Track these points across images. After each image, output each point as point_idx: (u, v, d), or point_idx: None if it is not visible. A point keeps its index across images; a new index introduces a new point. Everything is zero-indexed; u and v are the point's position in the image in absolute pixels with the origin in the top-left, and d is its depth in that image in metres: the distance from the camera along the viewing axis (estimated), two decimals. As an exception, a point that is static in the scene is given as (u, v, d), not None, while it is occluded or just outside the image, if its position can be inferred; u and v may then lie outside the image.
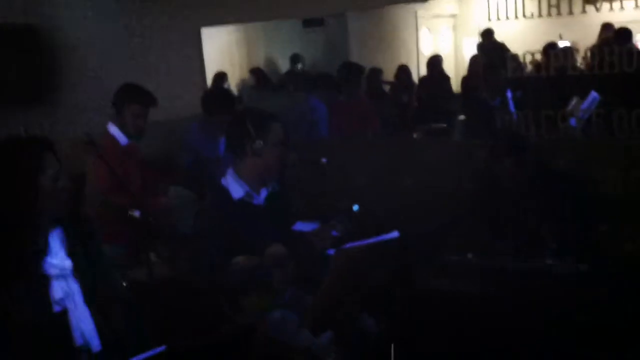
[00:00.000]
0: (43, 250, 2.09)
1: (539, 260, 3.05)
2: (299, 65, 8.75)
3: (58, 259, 2.11)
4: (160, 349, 1.71)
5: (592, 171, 3.82)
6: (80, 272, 2.15)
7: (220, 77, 7.92)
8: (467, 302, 2.98)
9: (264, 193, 2.90)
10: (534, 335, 2.84)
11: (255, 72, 8.88)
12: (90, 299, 2.17)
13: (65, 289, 2.10)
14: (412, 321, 2.70)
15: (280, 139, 2.82)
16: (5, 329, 1.97)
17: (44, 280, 2.08)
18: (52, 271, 2.09)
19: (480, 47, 8.56)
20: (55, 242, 2.13)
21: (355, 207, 2.80)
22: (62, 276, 2.10)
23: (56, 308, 2.08)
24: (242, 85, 8.52)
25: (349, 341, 2.71)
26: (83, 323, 2.12)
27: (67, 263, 2.12)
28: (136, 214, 2.64)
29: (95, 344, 2.15)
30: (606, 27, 6.51)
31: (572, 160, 3.87)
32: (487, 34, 8.61)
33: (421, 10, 9.69)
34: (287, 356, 2.59)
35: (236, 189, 2.83)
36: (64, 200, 2.10)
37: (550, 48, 5.04)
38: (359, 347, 2.76)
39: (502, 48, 7.95)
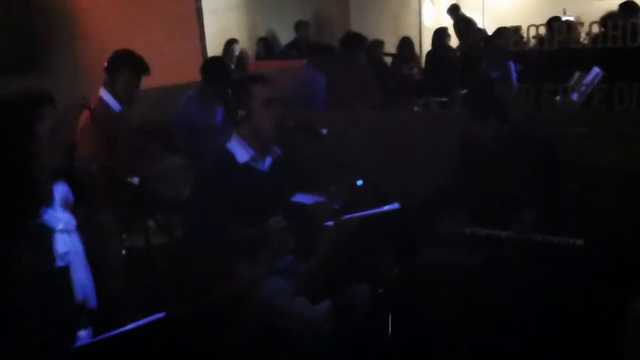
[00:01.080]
0: (46, 201, 2.10)
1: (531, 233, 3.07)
2: (304, 34, 8.67)
3: (61, 213, 2.13)
4: (159, 315, 1.70)
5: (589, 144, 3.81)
6: (81, 230, 2.18)
7: (230, 43, 7.92)
8: (462, 273, 3.00)
9: (268, 160, 2.93)
10: (525, 305, 2.87)
11: (260, 41, 8.85)
12: (90, 258, 2.20)
13: (68, 244, 2.12)
14: (409, 292, 2.72)
15: (265, 99, 2.85)
16: (8, 280, 1.96)
17: (48, 233, 2.08)
18: (57, 225, 2.11)
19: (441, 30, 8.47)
20: (60, 197, 2.15)
21: (360, 182, 2.80)
22: (66, 231, 2.12)
23: (59, 262, 2.09)
24: (245, 54, 8.47)
25: (346, 311, 2.73)
26: (84, 279, 2.15)
27: (71, 218, 2.15)
28: (135, 180, 2.63)
29: (93, 302, 2.18)
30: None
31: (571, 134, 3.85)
32: (453, 11, 8.57)
33: (424, -19, 9.61)
34: (281, 321, 2.61)
35: (241, 152, 2.86)
36: (63, 152, 2.14)
37: (553, 22, 4.99)
38: (356, 317, 2.78)
39: (470, 22, 7.93)
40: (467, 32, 7.56)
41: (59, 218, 2.12)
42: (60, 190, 2.17)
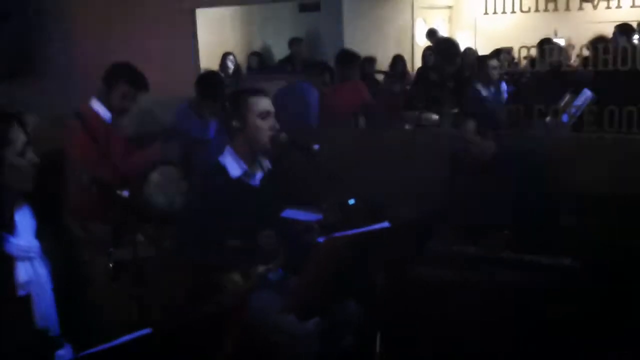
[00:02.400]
0: (7, 229, 2.01)
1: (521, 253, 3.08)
2: (298, 50, 8.72)
3: (24, 240, 2.03)
4: (145, 331, 1.68)
5: (579, 167, 3.84)
6: (48, 253, 2.08)
7: (226, 56, 7.96)
8: (452, 290, 3.00)
9: (259, 175, 2.93)
10: (516, 325, 2.87)
11: (253, 55, 8.90)
12: (58, 282, 2.11)
13: (30, 272, 2.03)
14: (398, 310, 2.71)
15: (260, 111, 2.86)
16: None
17: (8, 262, 1.99)
18: (17, 252, 2.00)
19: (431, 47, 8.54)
20: (23, 222, 2.05)
21: (351, 202, 2.81)
22: (27, 258, 2.03)
23: (20, 292, 2.00)
24: (238, 68, 8.50)
25: (335, 327, 2.72)
26: (46, 307, 2.06)
27: (34, 244, 2.05)
28: (125, 194, 2.61)
29: (55, 330, 2.09)
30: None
31: (561, 155, 3.88)
32: (432, 34, 8.64)
33: (417, 0, 9.66)
34: (270, 338, 2.59)
35: (234, 167, 2.86)
36: (31, 176, 2.02)
37: (545, 43, 5.03)
38: (345, 334, 2.77)
39: (451, 44, 7.98)
40: (449, 55, 7.60)
41: (20, 246, 2.01)
42: (23, 216, 2.06)
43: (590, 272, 2.88)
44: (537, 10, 4.48)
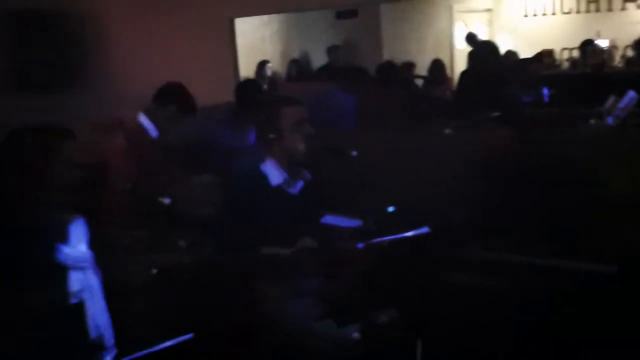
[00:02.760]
0: (59, 240, 2.06)
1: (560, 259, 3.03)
2: (336, 57, 8.75)
3: (77, 250, 2.09)
4: (187, 336, 1.71)
5: (623, 169, 3.74)
6: (101, 263, 2.15)
7: (263, 64, 8.03)
8: (490, 296, 2.97)
9: (299, 184, 2.94)
10: (550, 332, 2.82)
11: (292, 63, 8.96)
12: (109, 291, 2.17)
13: (83, 281, 2.08)
14: (437, 315, 2.69)
15: (295, 121, 2.86)
16: (21, 318, 1.96)
17: (61, 272, 2.05)
18: (70, 262, 2.06)
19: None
20: (76, 233, 2.11)
21: (390, 209, 2.80)
22: (80, 268, 2.09)
23: (73, 300, 2.06)
24: (276, 76, 8.58)
25: (372, 334, 2.71)
26: (99, 316, 2.11)
27: (87, 255, 2.11)
28: (166, 201, 2.66)
29: (109, 338, 2.14)
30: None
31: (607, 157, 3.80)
32: (471, 39, 8.50)
33: (456, 4, 9.60)
34: (308, 344, 2.60)
35: (275, 175, 2.89)
36: (81, 190, 2.07)
37: (587, 45, 4.96)
38: (382, 341, 2.76)
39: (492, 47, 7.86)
40: (487, 58, 7.51)
41: (73, 255, 2.08)
42: (76, 226, 2.13)
43: (629, 279, 2.82)
44: (578, 11, 4.43)
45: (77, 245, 2.10)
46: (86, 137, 2.19)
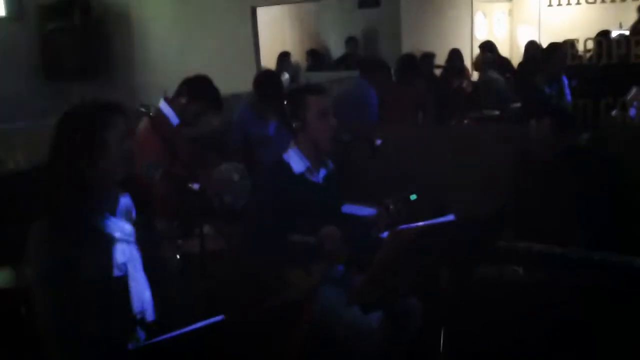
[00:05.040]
0: (110, 209, 2.15)
1: (591, 252, 3.01)
2: (353, 49, 8.75)
3: (124, 223, 2.17)
4: (218, 318, 1.73)
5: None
6: (140, 241, 2.21)
7: (284, 55, 8.03)
8: (516, 288, 2.97)
9: (322, 172, 2.96)
10: (580, 326, 2.82)
11: (311, 53, 8.95)
12: (147, 269, 2.22)
13: (127, 254, 2.15)
14: (461, 306, 2.70)
15: (320, 110, 2.88)
16: (70, 284, 2.04)
17: (109, 241, 2.13)
18: (117, 234, 2.14)
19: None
20: (123, 207, 2.19)
21: (413, 197, 2.81)
22: (125, 241, 2.16)
23: (116, 272, 2.13)
24: (297, 66, 8.59)
25: (398, 322, 2.73)
26: (142, 290, 2.17)
27: (131, 229, 2.18)
28: (195, 187, 2.69)
29: (151, 313, 2.20)
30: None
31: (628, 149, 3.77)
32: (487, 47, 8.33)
33: (477, -7, 9.55)
34: (335, 332, 2.62)
35: (298, 163, 2.90)
36: (128, 163, 2.18)
37: (602, 36, 4.90)
38: (408, 329, 2.78)
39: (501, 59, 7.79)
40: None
41: (121, 227, 2.16)
42: (124, 202, 2.21)
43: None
44: (603, 1, 4.37)
45: (124, 220, 2.18)
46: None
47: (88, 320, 2.07)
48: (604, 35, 5.00)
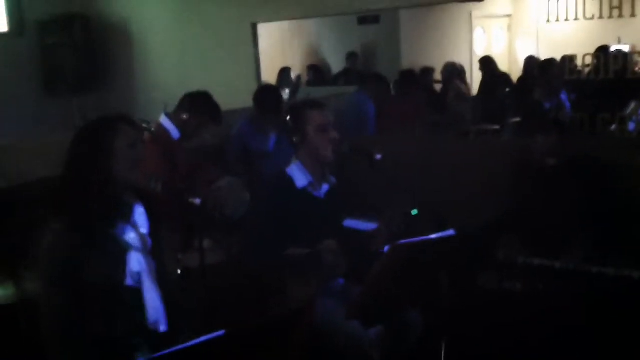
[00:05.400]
0: (124, 218, 2.19)
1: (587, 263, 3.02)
2: (354, 64, 8.80)
3: (140, 233, 2.20)
4: (219, 333, 1.73)
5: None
6: (155, 254, 2.24)
7: (284, 71, 8.07)
8: (516, 300, 2.97)
9: (325, 188, 2.96)
10: (578, 338, 2.82)
11: (311, 68, 9.00)
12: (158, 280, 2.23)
13: (142, 264, 2.17)
14: (462, 318, 2.70)
15: (319, 124, 2.89)
16: (81, 289, 2.06)
17: (123, 249, 2.15)
18: (133, 242, 2.17)
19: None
20: (138, 216, 2.23)
21: (414, 212, 2.81)
22: (141, 250, 2.17)
23: (130, 281, 2.14)
24: (297, 81, 8.62)
25: (398, 336, 2.73)
26: (155, 301, 2.18)
27: (147, 239, 2.22)
28: (197, 201, 2.70)
29: (163, 324, 2.20)
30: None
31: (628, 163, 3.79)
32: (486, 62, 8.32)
33: (476, 10, 9.60)
34: (335, 344, 2.62)
35: (300, 178, 2.91)
36: (138, 169, 2.21)
37: (601, 51, 4.94)
38: (408, 342, 2.78)
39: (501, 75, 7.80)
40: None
41: (136, 237, 2.18)
42: (139, 211, 2.24)
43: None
44: (601, 16, 4.39)
45: (140, 229, 2.21)
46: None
47: (96, 326, 2.08)
48: (603, 50, 5.03)
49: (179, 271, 2.97)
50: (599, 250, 3.12)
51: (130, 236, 2.17)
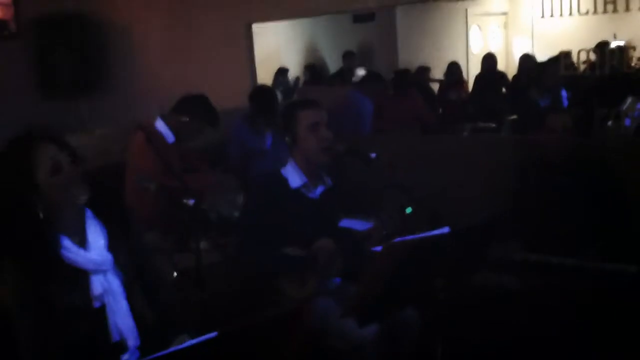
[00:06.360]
0: (77, 241, 2.06)
1: (585, 259, 3.02)
2: (350, 64, 8.79)
3: (96, 254, 2.07)
4: (211, 335, 1.72)
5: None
6: (121, 265, 2.13)
7: (282, 72, 8.07)
8: (512, 298, 2.97)
9: (320, 189, 2.96)
10: (576, 334, 2.81)
11: (308, 68, 9.00)
12: (131, 292, 2.15)
13: (104, 284, 2.07)
14: (458, 317, 2.69)
15: (310, 123, 2.88)
16: (44, 321, 1.98)
17: (81, 276, 2.05)
18: (90, 266, 2.05)
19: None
20: (94, 236, 2.09)
21: (409, 210, 2.81)
22: (101, 271, 2.07)
23: (96, 304, 2.06)
24: (295, 81, 8.63)
25: (394, 334, 2.73)
26: (121, 319, 2.10)
27: (107, 257, 2.09)
28: (190, 202, 2.69)
29: (133, 340, 2.13)
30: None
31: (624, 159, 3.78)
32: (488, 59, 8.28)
33: (471, 7, 9.60)
34: (330, 344, 2.62)
35: (295, 178, 2.91)
36: (82, 186, 2.04)
37: (601, 46, 4.94)
38: (404, 341, 2.77)
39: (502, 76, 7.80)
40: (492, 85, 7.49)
41: (91, 259, 2.06)
42: (93, 230, 2.11)
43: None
44: (595, 12, 4.41)
45: (95, 249, 2.08)
46: (107, 138, 2.22)
47: (67, 353, 2.02)
48: (602, 46, 5.04)
49: (175, 273, 2.96)
50: (596, 245, 3.12)
51: (86, 259, 2.05)
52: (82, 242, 2.07)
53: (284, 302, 2.68)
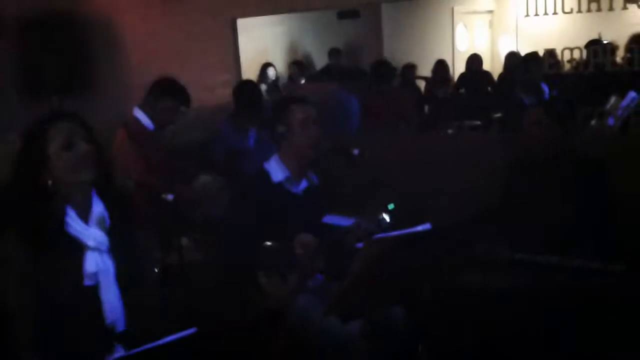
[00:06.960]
0: (82, 216, 2.13)
1: (569, 258, 3.02)
2: (336, 60, 8.77)
3: (97, 231, 2.14)
4: (191, 330, 1.72)
5: (626, 169, 3.74)
6: (115, 251, 2.18)
7: (267, 67, 8.05)
8: (496, 297, 2.97)
9: (303, 184, 2.95)
10: (561, 333, 2.82)
11: (294, 64, 8.98)
12: (120, 280, 2.19)
13: (99, 264, 2.12)
14: (440, 314, 2.70)
15: (302, 118, 2.90)
16: (41, 297, 2.02)
17: (79, 249, 2.11)
18: (89, 242, 2.12)
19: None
20: (96, 215, 2.16)
21: (391, 206, 2.81)
22: (98, 250, 2.13)
23: (87, 282, 2.10)
24: (279, 77, 8.60)
25: (377, 331, 2.72)
26: (113, 301, 2.14)
27: (105, 239, 2.15)
28: (169, 197, 2.68)
29: (121, 324, 2.17)
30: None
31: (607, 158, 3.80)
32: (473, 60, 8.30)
33: (457, 5, 9.61)
34: (313, 341, 2.61)
35: (277, 172, 2.91)
36: (90, 164, 2.13)
37: (590, 45, 4.95)
38: (387, 338, 2.76)
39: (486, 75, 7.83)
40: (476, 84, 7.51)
41: (92, 235, 2.13)
42: (98, 210, 2.17)
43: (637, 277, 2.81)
44: (579, 11, 4.41)
45: (97, 227, 2.15)
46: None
47: (60, 330, 2.05)
48: (593, 44, 5.04)
49: (156, 270, 2.94)
50: (582, 244, 3.12)
51: (88, 235, 2.12)
52: (86, 218, 2.14)
53: (266, 299, 2.67)
